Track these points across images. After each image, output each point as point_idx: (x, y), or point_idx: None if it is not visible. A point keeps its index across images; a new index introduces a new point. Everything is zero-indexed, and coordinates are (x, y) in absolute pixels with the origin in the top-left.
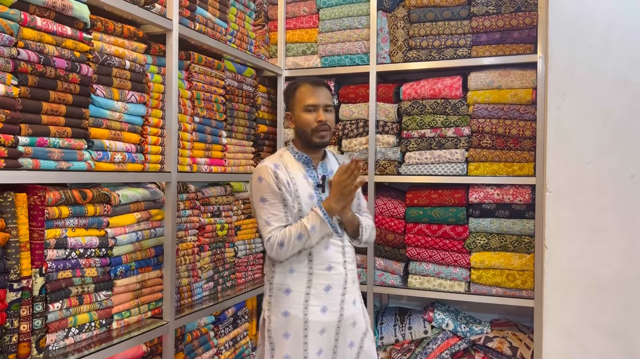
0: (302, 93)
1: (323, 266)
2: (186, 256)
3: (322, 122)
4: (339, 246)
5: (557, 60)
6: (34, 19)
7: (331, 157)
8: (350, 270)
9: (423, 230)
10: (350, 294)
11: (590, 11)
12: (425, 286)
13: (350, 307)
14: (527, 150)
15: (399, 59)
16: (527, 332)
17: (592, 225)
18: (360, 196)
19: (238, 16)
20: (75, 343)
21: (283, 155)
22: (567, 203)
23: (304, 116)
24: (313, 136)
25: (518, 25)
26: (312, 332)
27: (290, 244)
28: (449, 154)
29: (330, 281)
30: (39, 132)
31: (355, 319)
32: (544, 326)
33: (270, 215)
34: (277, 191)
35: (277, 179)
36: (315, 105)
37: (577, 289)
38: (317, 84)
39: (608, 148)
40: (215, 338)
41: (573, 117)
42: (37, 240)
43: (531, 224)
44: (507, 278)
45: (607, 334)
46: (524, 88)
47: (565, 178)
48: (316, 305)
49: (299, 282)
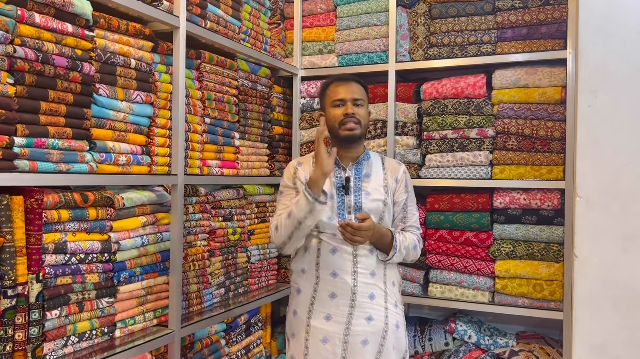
0: (331, 90)
1: (328, 271)
2: (195, 262)
3: (348, 114)
4: (348, 253)
5: (588, 55)
6: (32, 15)
7: (374, 160)
8: (364, 283)
9: (444, 237)
10: (364, 309)
11: (623, 3)
12: (446, 295)
13: (362, 323)
14: (556, 152)
15: (420, 56)
16: (555, 346)
17: (626, 233)
18: (408, 206)
19: (252, 14)
20: (75, 351)
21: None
22: (599, 209)
23: (331, 111)
24: (340, 129)
25: (546, 20)
26: (313, 338)
27: (282, 225)
28: (472, 156)
29: (335, 289)
30: (36, 132)
31: (368, 339)
32: (573, 341)
33: (282, 206)
34: (292, 186)
35: (295, 175)
36: (343, 99)
37: (610, 302)
38: (346, 79)
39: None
40: (226, 346)
41: (605, 116)
42: (34, 244)
43: (560, 231)
44: (534, 288)
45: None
46: (552, 87)
47: (597, 182)
48: (320, 311)
49: (308, 283)
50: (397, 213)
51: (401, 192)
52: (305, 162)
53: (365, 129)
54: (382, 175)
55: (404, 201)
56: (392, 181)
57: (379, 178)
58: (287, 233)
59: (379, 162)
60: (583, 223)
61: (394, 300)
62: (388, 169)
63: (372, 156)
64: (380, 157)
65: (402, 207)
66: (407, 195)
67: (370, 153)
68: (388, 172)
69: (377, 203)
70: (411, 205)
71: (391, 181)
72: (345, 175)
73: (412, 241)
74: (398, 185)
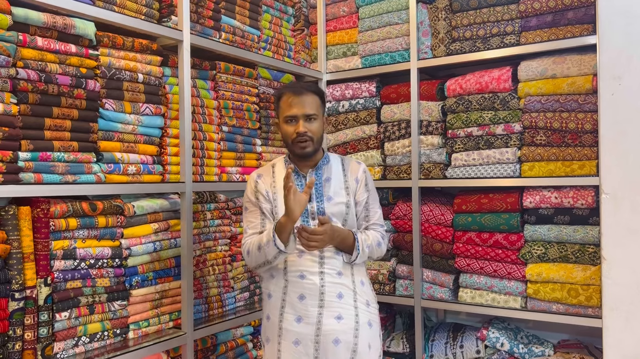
0: (284, 102)
1: (296, 273)
2: (215, 266)
3: (300, 134)
4: (314, 255)
5: (609, 38)
6: (34, 39)
7: (333, 163)
8: (332, 283)
9: (473, 239)
10: (332, 309)
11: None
12: (477, 301)
13: (332, 323)
14: (588, 146)
15: (441, 52)
16: (599, 356)
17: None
18: (370, 205)
19: (273, 22)
20: (87, 351)
21: (275, 165)
22: (628, 207)
23: (284, 127)
24: (294, 147)
25: (572, 4)
26: (285, 341)
27: (253, 253)
28: (499, 154)
29: (304, 290)
30: (41, 147)
31: (339, 338)
32: (604, 351)
33: (247, 222)
34: (254, 201)
35: (256, 189)
36: (295, 116)
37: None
38: (300, 92)
39: None
40: (254, 349)
41: (631, 105)
42: (42, 251)
43: (596, 231)
44: (569, 293)
45: None
46: (582, 76)
47: (623, 177)
48: (291, 313)
49: (277, 287)
50: (360, 212)
51: (362, 192)
52: (264, 173)
53: (319, 142)
54: (342, 177)
55: (366, 200)
56: (353, 181)
57: (339, 180)
58: (257, 263)
59: (338, 164)
60: (611, 222)
61: (365, 299)
62: (348, 170)
63: (331, 159)
64: (340, 158)
65: (364, 206)
66: (368, 193)
67: (330, 156)
68: (348, 173)
69: (339, 207)
70: (373, 203)
71: (352, 182)
72: (307, 182)
73: (375, 239)
74: (359, 185)
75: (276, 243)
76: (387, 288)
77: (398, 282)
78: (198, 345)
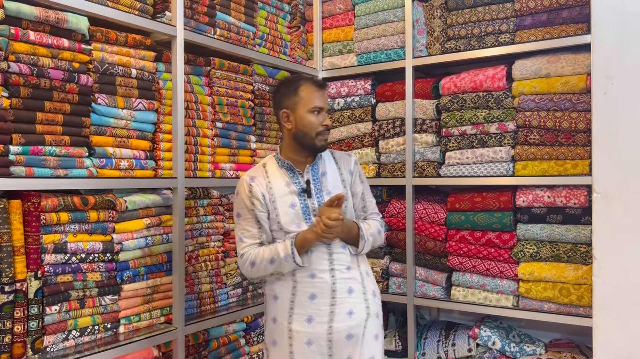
0: (309, 93)
1: (305, 273)
2: (208, 262)
3: (327, 127)
4: (324, 252)
5: (602, 36)
6: (27, 33)
7: (326, 157)
8: (343, 278)
9: (465, 237)
10: (344, 305)
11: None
12: (469, 299)
13: (345, 319)
14: (582, 145)
15: (436, 50)
16: (590, 355)
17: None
18: (365, 195)
19: (269, 19)
20: (77, 345)
21: (267, 164)
22: (618, 206)
23: (309, 117)
24: (316, 139)
25: (567, 3)
26: (297, 342)
27: (262, 265)
28: (492, 152)
29: (314, 289)
30: (32, 141)
31: (352, 333)
32: (594, 350)
33: (243, 230)
34: (250, 208)
35: (251, 193)
36: (322, 108)
37: (634, 308)
38: (323, 86)
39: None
40: (246, 345)
41: (624, 104)
42: (32, 244)
43: (588, 231)
44: (560, 292)
45: None
46: (576, 75)
47: (615, 177)
48: (301, 314)
49: (284, 289)
50: (357, 204)
51: (357, 183)
52: (257, 174)
53: None
54: (336, 170)
55: (362, 191)
56: (347, 174)
57: (334, 174)
58: (266, 273)
59: (330, 158)
60: (602, 221)
61: (372, 290)
62: (341, 163)
63: (323, 154)
64: (330, 152)
65: (360, 197)
66: (363, 184)
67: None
68: (342, 166)
69: None
70: (367, 193)
71: (346, 174)
72: (305, 178)
73: (375, 227)
74: (353, 177)
75: (295, 260)
76: (380, 286)
77: (391, 280)
78: (190, 341)
